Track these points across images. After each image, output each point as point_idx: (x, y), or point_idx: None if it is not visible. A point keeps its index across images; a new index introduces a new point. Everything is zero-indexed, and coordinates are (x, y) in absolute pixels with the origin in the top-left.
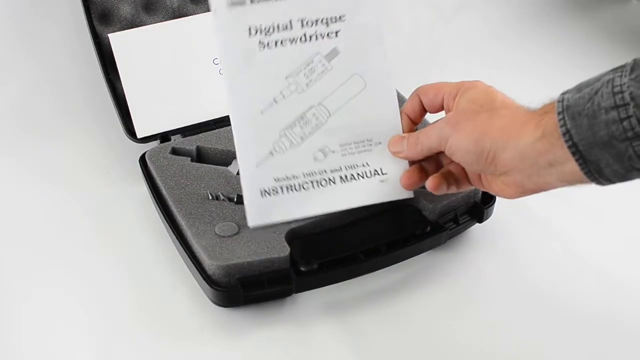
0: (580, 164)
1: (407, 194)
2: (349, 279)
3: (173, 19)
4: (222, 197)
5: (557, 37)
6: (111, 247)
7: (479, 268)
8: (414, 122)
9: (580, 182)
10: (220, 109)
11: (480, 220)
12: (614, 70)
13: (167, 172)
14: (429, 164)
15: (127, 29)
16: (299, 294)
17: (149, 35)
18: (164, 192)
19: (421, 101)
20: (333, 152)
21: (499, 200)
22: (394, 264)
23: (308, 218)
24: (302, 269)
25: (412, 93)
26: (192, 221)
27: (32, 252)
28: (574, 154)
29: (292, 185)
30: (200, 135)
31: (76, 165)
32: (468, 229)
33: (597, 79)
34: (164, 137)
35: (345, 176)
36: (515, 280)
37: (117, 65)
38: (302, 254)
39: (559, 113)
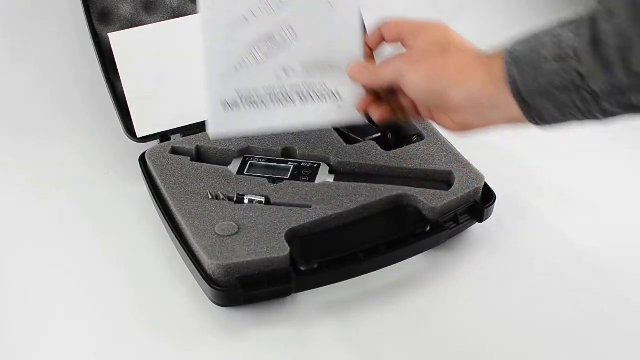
0: (523, 109)
1: (359, 119)
2: (349, 278)
3: (173, 18)
4: (222, 197)
5: None
6: (111, 247)
7: (479, 268)
8: (372, 51)
9: (524, 123)
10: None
11: (480, 220)
12: (561, 25)
13: (167, 172)
14: (383, 92)
15: (127, 28)
16: (298, 293)
17: (149, 34)
18: (164, 191)
19: (382, 34)
20: (294, 71)
21: (499, 200)
22: (393, 263)
23: (308, 218)
24: (302, 268)
25: (375, 26)
26: (192, 221)
27: (32, 251)
28: (517, 100)
29: (252, 98)
30: (200, 134)
31: (76, 165)
32: (468, 229)
33: (545, 32)
34: (164, 136)
35: (304, 95)
36: (515, 280)
37: (117, 64)
38: (302, 253)
39: (506, 61)
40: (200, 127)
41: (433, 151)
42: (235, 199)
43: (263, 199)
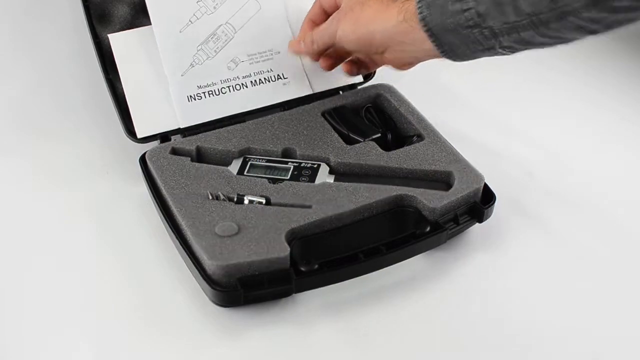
0: (436, 45)
1: (306, 91)
2: (349, 279)
3: None
4: (222, 197)
5: None
6: (111, 247)
7: (479, 268)
8: (318, 25)
9: (441, 57)
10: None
11: (480, 220)
12: None
13: (167, 172)
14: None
15: (127, 29)
16: (299, 293)
17: (149, 35)
18: (164, 192)
19: (322, 5)
20: (242, 61)
21: (498, 200)
22: (394, 264)
23: (308, 218)
24: (302, 269)
25: (305, 19)
26: (192, 221)
27: (32, 251)
28: (429, 36)
29: (212, 90)
30: (200, 135)
31: (76, 165)
32: (468, 229)
33: None
34: (164, 137)
35: (255, 80)
36: (515, 280)
37: (117, 65)
38: (302, 254)
39: (418, 2)
40: (200, 127)
41: (433, 151)
42: (235, 200)
43: (263, 200)
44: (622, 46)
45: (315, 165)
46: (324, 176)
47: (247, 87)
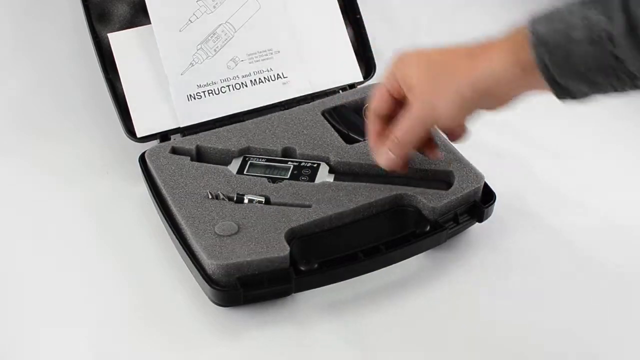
0: (554, 91)
1: (306, 90)
2: (348, 278)
3: None
4: (221, 197)
5: None
6: (111, 247)
7: (479, 268)
8: (386, 117)
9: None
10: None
11: (480, 220)
12: (584, 5)
13: (166, 172)
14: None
15: (126, 28)
16: (298, 293)
17: (149, 34)
18: (164, 191)
19: (389, 91)
20: (242, 60)
21: (498, 200)
22: (393, 263)
23: (308, 217)
24: (302, 268)
25: (370, 114)
26: (192, 220)
27: (31, 251)
28: (550, 83)
29: (212, 90)
30: (199, 134)
31: (76, 165)
32: (468, 229)
33: (569, 11)
34: (164, 136)
35: (254, 80)
36: (515, 280)
37: (117, 64)
38: (302, 253)
39: (533, 44)
40: (200, 127)
41: None
42: (235, 199)
43: (263, 199)
44: None
45: (315, 165)
46: (323, 175)
47: (246, 86)
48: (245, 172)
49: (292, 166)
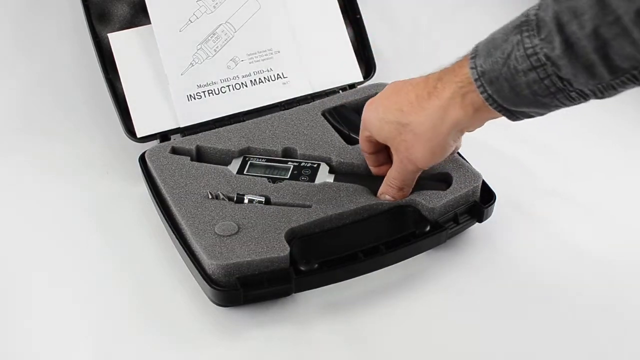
0: (508, 117)
1: (306, 90)
2: (348, 278)
3: None
4: (221, 197)
5: None
6: (111, 247)
7: (479, 268)
8: (372, 154)
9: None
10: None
11: (480, 220)
12: (519, 28)
13: (166, 172)
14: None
15: (126, 28)
16: (298, 293)
17: (149, 34)
18: (164, 191)
19: (368, 139)
20: (242, 60)
21: (498, 200)
22: (393, 263)
23: (308, 218)
24: (302, 268)
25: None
26: (192, 220)
27: (31, 251)
28: (502, 113)
29: (212, 90)
30: (199, 134)
31: (76, 165)
32: (468, 229)
33: (504, 39)
34: (164, 136)
35: (254, 80)
36: (514, 280)
37: (117, 64)
38: (302, 253)
39: (476, 80)
40: (200, 127)
41: None
42: (235, 199)
43: (263, 199)
44: None
45: (315, 165)
46: (324, 176)
47: (246, 86)
48: (245, 172)
49: (292, 166)
